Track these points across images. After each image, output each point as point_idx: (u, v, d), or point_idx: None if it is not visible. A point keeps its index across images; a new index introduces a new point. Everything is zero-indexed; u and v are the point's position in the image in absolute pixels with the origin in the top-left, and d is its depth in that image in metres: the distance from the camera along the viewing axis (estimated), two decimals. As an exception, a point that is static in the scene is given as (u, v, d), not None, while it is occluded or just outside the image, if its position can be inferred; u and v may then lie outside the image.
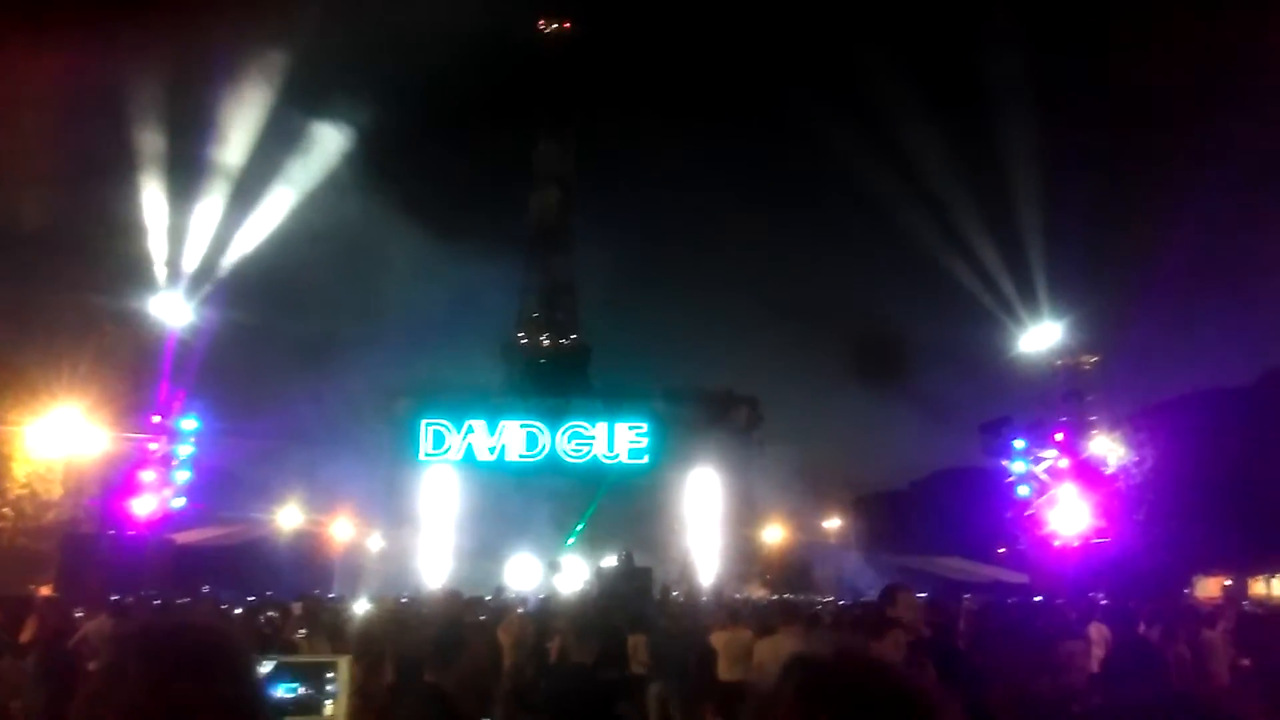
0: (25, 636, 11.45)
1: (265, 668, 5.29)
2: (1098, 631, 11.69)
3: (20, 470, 31.52)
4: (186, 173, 28.77)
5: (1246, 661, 11.26)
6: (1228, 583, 38.16)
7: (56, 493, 32.29)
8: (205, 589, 26.06)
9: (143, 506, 25.27)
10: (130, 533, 24.95)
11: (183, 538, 27.85)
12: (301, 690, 5.32)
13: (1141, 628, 11.74)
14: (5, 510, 31.78)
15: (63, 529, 30.17)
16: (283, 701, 5.21)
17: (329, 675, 5.47)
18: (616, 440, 34.92)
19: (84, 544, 25.35)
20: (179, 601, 19.37)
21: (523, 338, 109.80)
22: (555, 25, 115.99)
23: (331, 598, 23.97)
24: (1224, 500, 36.52)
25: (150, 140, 27.60)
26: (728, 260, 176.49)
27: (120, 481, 26.04)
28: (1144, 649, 9.61)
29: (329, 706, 5.41)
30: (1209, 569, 38.54)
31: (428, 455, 34.69)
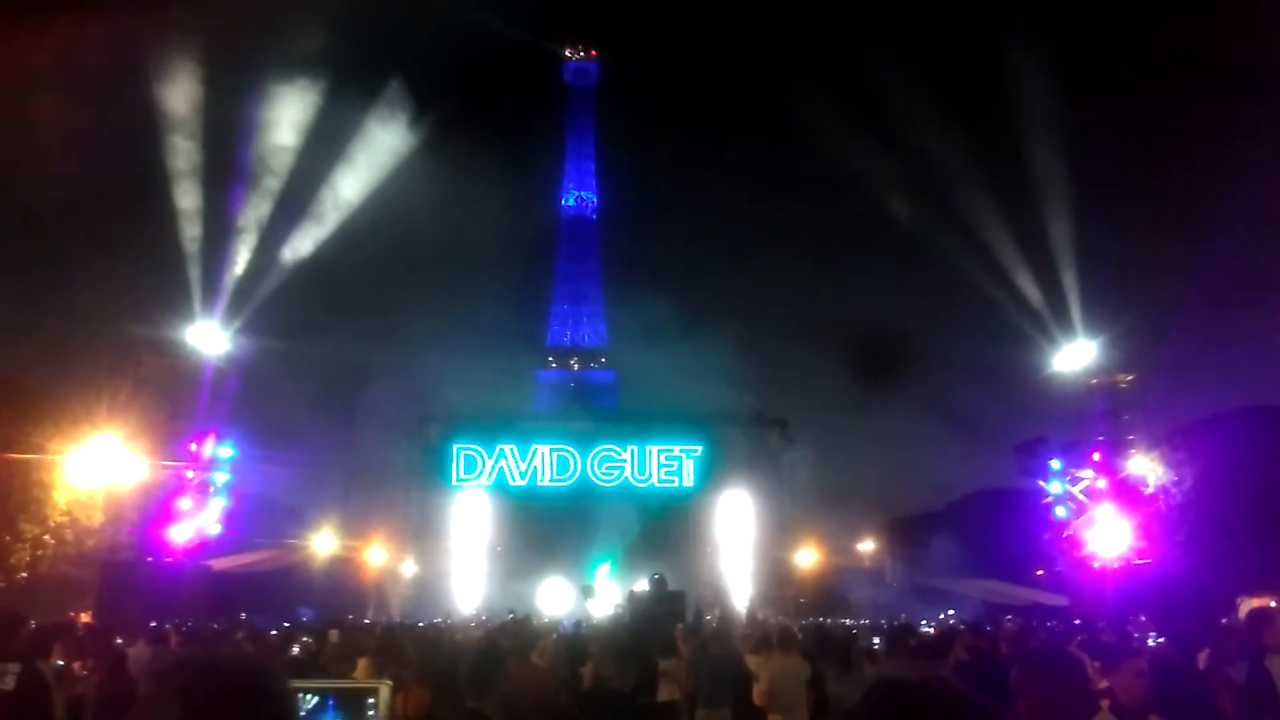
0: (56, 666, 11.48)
1: (309, 702, 5.30)
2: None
3: (61, 498, 32.03)
4: (222, 206, 29.32)
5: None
6: (1273, 603, 37.30)
7: (97, 520, 32.71)
8: (242, 615, 26.31)
9: (180, 534, 25.58)
10: (168, 560, 25.25)
11: (219, 564, 28.11)
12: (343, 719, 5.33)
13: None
14: (46, 538, 32.29)
15: (103, 556, 30.56)
16: None
17: (370, 701, 5.48)
18: (648, 464, 34.89)
19: (123, 571, 25.67)
20: (213, 628, 19.53)
21: (553, 362, 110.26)
22: (581, 54, 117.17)
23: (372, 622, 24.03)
24: (1267, 519, 35.79)
25: (185, 175, 28.16)
26: (757, 281, 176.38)
27: (158, 509, 26.39)
28: (1189, 676, 9.34)
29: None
30: (1253, 590, 37.67)
31: (460, 480, 34.84)
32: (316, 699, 5.31)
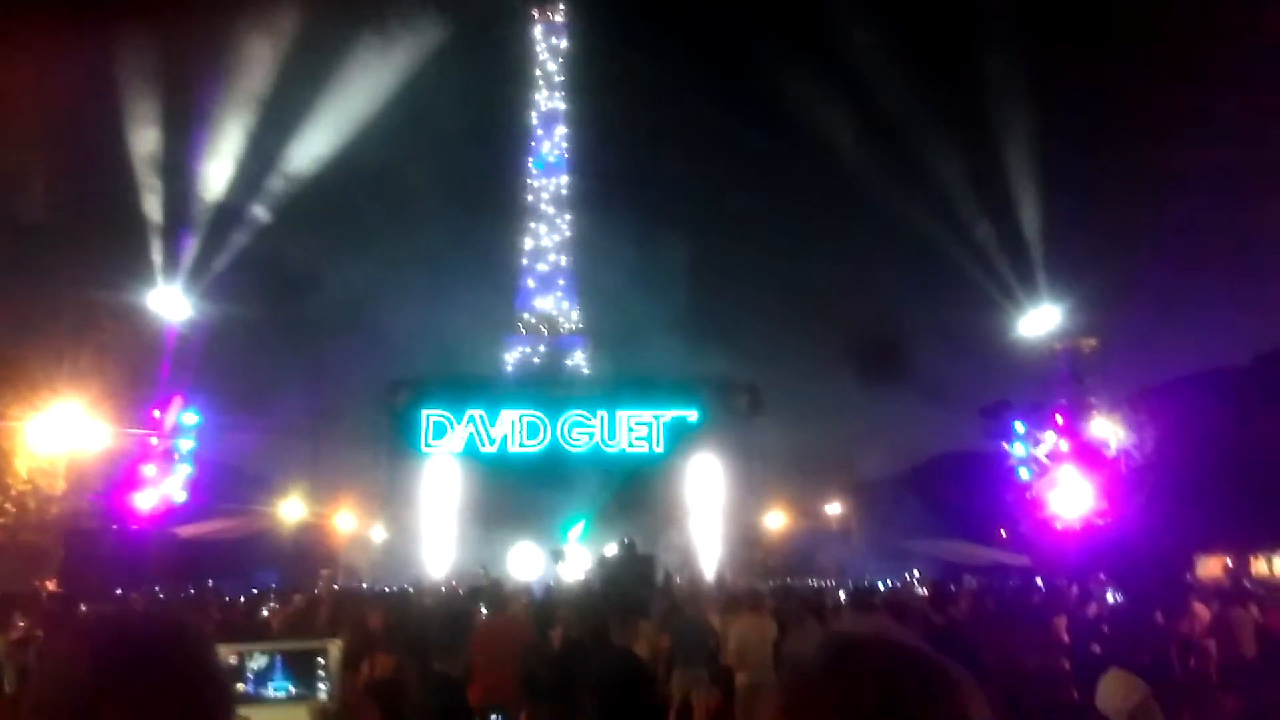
0: (15, 635, 11.37)
1: (259, 662, 5.24)
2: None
3: (22, 466, 31.45)
4: (184, 167, 28.76)
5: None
6: (1229, 562, 38.21)
7: (59, 488, 32.22)
8: (209, 582, 26.20)
9: (145, 501, 25.32)
10: (133, 527, 25.01)
11: (186, 532, 27.90)
12: (293, 684, 5.26)
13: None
14: (8, 506, 31.76)
15: (66, 524, 30.19)
16: (276, 697, 5.17)
17: (320, 660, 5.43)
18: (618, 429, 34.94)
19: (87, 539, 25.41)
20: (182, 595, 19.43)
21: (522, 328, 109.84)
22: (551, 16, 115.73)
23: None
24: (1225, 480, 36.53)
25: (146, 135, 27.57)
26: (725, 245, 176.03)
27: (122, 476, 26.09)
28: (1142, 627, 9.59)
29: (322, 691, 5.36)
30: (1210, 549, 38.58)
31: (429, 446, 34.72)
32: (266, 658, 5.25)
